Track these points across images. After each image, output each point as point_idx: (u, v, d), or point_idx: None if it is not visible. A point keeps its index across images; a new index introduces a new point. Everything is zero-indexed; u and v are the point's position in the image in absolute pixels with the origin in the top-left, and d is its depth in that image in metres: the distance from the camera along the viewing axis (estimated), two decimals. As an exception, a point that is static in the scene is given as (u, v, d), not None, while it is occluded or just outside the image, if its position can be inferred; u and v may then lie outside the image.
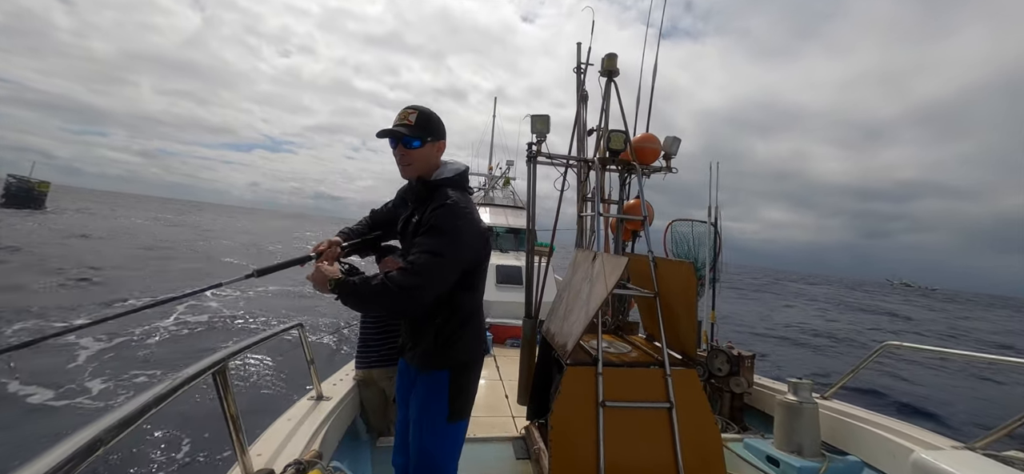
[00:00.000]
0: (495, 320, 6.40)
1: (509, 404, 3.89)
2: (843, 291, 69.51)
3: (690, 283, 2.47)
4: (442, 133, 1.74)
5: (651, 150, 3.90)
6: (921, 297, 60.86)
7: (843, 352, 15.79)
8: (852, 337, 19.61)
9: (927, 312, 37.74)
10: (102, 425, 0.94)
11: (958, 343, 14.04)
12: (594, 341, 2.41)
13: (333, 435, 2.45)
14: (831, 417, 3.06)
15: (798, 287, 60.88)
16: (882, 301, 49.95)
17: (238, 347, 1.70)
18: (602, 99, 4.01)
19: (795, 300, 38.31)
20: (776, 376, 4.03)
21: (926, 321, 31.09)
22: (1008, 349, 19.82)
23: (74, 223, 28.91)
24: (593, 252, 2.83)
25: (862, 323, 26.08)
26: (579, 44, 4.23)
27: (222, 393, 1.52)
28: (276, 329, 2.35)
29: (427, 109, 1.71)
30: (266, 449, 1.94)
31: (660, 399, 2.26)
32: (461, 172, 1.78)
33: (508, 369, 4.88)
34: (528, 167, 3.85)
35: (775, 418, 3.03)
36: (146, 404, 1.08)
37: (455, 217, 1.61)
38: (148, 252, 22.57)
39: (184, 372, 1.30)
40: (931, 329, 23.91)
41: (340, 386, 2.89)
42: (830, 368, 12.47)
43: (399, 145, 1.69)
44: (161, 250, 24.38)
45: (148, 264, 18.78)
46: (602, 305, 2.32)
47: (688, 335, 2.52)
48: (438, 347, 1.70)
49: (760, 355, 13.36)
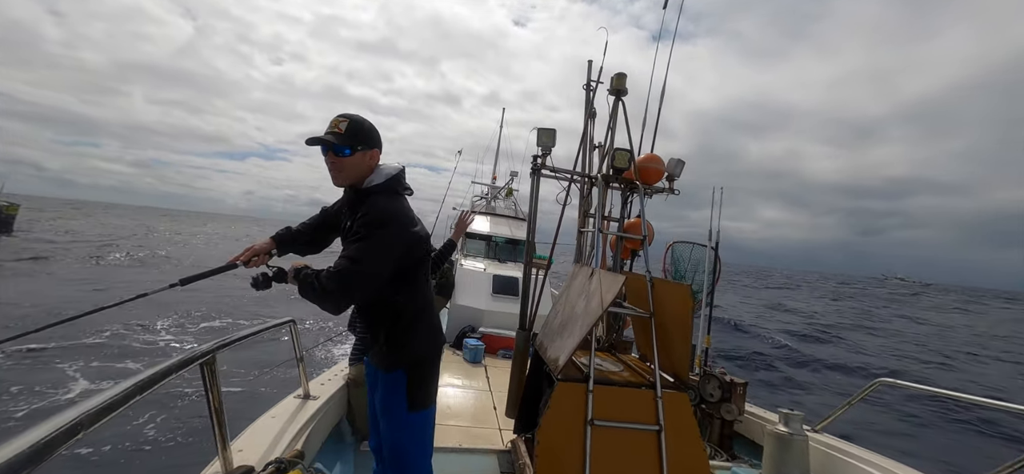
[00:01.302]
0: (488, 330, 6.37)
1: (496, 416, 3.85)
2: (838, 287, 69.75)
3: (686, 305, 2.46)
4: (375, 141, 1.75)
5: (655, 171, 3.91)
6: (912, 296, 60.79)
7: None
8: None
9: (924, 311, 38.12)
10: (84, 409, 0.93)
11: (955, 375, 14.02)
12: (586, 358, 2.40)
13: (317, 435, 2.43)
14: (821, 451, 3.03)
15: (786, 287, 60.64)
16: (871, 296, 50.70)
17: (228, 340, 1.70)
18: (609, 117, 4.03)
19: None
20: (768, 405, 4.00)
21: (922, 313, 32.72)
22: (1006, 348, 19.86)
23: (38, 248, 23.35)
24: (591, 268, 2.83)
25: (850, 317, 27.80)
26: (590, 61, 4.26)
27: (208, 385, 1.51)
28: (267, 324, 2.33)
29: (359, 117, 1.72)
30: (248, 445, 1.92)
31: (650, 421, 2.24)
32: (392, 176, 1.78)
33: (498, 380, 4.85)
34: (532, 179, 3.86)
35: (764, 448, 3.00)
36: (129, 391, 1.07)
37: (377, 224, 1.64)
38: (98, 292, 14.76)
39: (171, 360, 1.29)
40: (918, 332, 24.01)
41: (328, 386, 2.87)
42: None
43: (329, 153, 1.70)
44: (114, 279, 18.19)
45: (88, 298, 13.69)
46: (597, 322, 2.31)
47: (682, 358, 2.50)
48: (390, 350, 1.78)
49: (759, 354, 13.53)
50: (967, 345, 20.21)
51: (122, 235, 38.63)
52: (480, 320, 6.62)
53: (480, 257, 8.29)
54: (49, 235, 32.73)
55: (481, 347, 5.74)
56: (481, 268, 7.52)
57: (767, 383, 11.02)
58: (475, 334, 6.20)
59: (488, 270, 7.43)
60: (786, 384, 11.22)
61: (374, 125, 1.75)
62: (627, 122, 3.91)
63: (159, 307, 11.88)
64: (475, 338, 5.98)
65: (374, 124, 1.75)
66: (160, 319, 11.30)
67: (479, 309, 6.72)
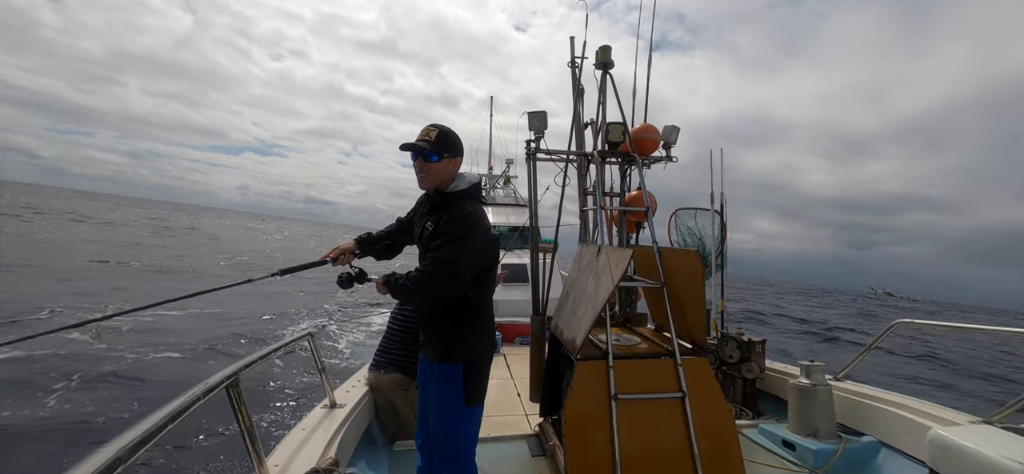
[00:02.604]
0: (503, 319, 6.39)
1: (522, 402, 3.89)
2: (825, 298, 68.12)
3: (697, 271, 2.46)
4: (459, 150, 1.92)
5: (650, 140, 3.87)
6: (895, 310, 59.67)
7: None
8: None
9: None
10: (120, 444, 0.95)
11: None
12: (603, 335, 2.41)
13: (348, 441, 2.46)
14: (845, 398, 3.05)
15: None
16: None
17: (249, 360, 1.71)
18: (598, 91, 4.00)
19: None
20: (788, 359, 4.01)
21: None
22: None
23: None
24: (597, 246, 2.83)
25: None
26: (573, 37, 4.21)
27: (236, 406, 1.53)
28: (286, 340, 2.36)
29: (447, 128, 1.89)
30: (282, 459, 1.95)
31: (672, 389, 2.25)
32: (474, 184, 1.95)
33: (518, 367, 4.88)
34: (528, 164, 3.84)
35: (789, 402, 3.01)
36: (163, 421, 1.09)
37: (466, 225, 1.79)
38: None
39: (197, 387, 1.31)
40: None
41: (353, 392, 2.90)
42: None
43: (419, 158, 1.86)
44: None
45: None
46: (609, 298, 2.31)
47: (697, 323, 2.50)
48: (452, 342, 1.88)
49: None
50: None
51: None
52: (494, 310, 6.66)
53: None
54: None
55: (498, 337, 5.78)
56: None
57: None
58: None
59: None
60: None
61: (458, 136, 1.91)
62: (617, 95, 3.88)
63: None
64: None
65: (458, 134, 1.91)
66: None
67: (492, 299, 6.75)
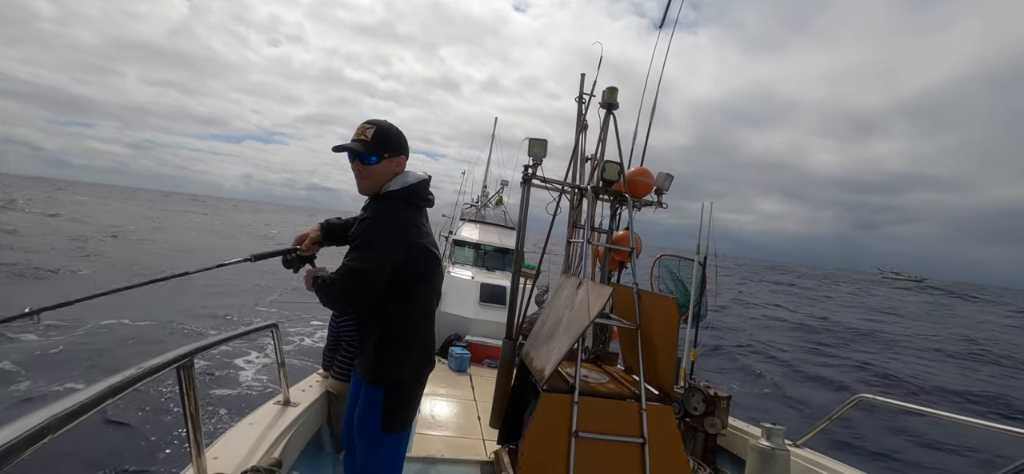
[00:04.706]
0: (475, 339, 6.32)
1: (480, 426, 3.82)
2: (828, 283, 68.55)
3: (672, 318, 2.47)
4: (402, 148, 1.72)
5: (644, 184, 3.94)
6: (906, 291, 61.04)
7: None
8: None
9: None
10: (51, 413, 0.89)
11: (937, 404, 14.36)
12: (572, 369, 2.39)
13: (296, 443, 2.37)
14: (802, 465, 3.06)
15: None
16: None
17: (206, 343, 1.66)
18: (600, 129, 4.07)
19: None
20: (749, 417, 4.03)
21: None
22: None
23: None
24: (578, 278, 2.83)
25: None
26: (583, 75, 4.30)
27: (184, 389, 1.47)
28: (248, 328, 2.29)
29: (387, 124, 1.69)
30: (223, 453, 1.87)
31: (634, 434, 2.23)
32: (410, 185, 1.71)
33: (483, 390, 4.81)
34: (523, 189, 3.86)
35: (747, 462, 3.01)
36: (100, 394, 1.03)
37: (380, 230, 1.60)
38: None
39: (146, 364, 1.25)
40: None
41: (309, 392, 2.81)
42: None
43: (356, 160, 1.67)
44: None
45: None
46: (583, 333, 2.31)
47: (666, 370, 2.51)
48: (375, 363, 1.72)
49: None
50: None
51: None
52: (466, 329, 6.57)
53: (468, 265, 8.24)
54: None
55: (466, 356, 5.69)
56: (468, 276, 7.48)
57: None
58: (461, 343, 6.15)
59: (475, 278, 7.39)
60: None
61: (402, 131, 1.71)
62: (618, 136, 3.95)
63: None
64: (461, 347, 5.93)
65: (401, 130, 1.71)
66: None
67: (466, 317, 6.67)
